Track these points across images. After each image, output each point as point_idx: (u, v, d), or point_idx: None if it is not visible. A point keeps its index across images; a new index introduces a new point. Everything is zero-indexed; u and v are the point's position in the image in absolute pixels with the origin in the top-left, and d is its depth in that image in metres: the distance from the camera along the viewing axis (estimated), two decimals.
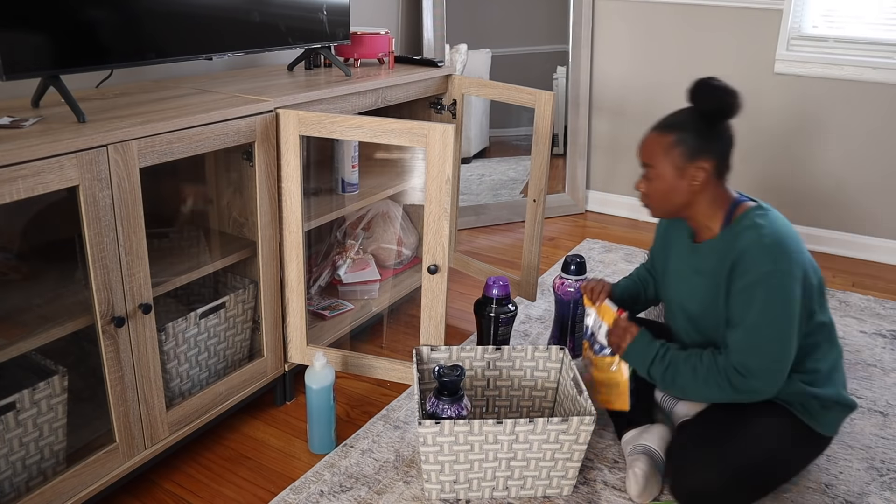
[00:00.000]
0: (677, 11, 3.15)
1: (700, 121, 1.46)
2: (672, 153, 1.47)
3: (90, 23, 1.42)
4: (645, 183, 1.55)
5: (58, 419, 1.40)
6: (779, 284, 1.40)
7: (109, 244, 1.36)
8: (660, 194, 1.52)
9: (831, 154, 3.01)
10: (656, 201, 1.54)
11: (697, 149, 1.46)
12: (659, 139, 1.49)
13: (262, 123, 1.64)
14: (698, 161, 1.46)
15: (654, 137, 1.51)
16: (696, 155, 1.46)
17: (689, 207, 1.53)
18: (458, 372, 1.57)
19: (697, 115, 1.47)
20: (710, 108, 1.45)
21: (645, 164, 1.53)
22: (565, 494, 1.60)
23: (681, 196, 1.50)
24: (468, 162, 3.41)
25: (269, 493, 1.62)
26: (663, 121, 1.51)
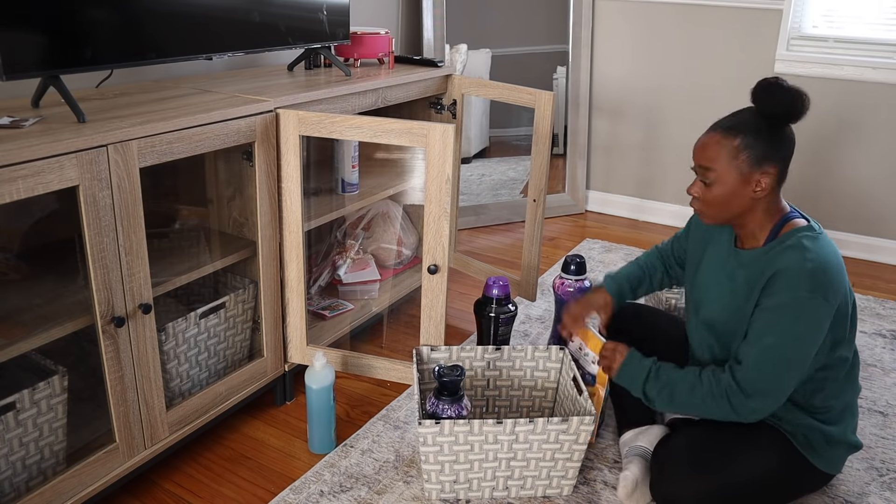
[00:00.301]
0: (677, 11, 3.15)
1: (765, 124, 1.37)
2: (739, 157, 1.36)
3: (90, 23, 1.42)
4: (702, 188, 1.42)
5: (58, 419, 1.40)
6: (809, 313, 1.32)
7: (109, 244, 1.36)
8: (720, 201, 1.40)
9: (831, 154, 3.01)
10: (714, 208, 1.42)
11: (765, 154, 1.36)
12: (724, 141, 1.38)
13: (262, 123, 1.64)
14: (765, 167, 1.37)
15: (717, 139, 1.39)
16: (763, 161, 1.36)
17: (747, 216, 1.43)
18: (458, 372, 1.57)
19: (762, 117, 1.37)
20: (779, 112, 1.35)
21: (703, 168, 1.40)
22: (565, 494, 1.60)
23: (742, 203, 1.40)
24: (468, 162, 3.42)
25: (269, 493, 1.62)
26: (727, 122, 1.40)
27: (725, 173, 1.38)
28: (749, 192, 1.39)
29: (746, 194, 1.39)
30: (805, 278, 1.32)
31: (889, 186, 2.93)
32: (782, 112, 1.35)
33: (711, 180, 1.40)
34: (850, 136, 2.95)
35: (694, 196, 1.45)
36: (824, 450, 1.46)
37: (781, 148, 1.38)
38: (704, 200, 1.43)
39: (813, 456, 1.45)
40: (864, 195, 2.99)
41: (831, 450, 1.47)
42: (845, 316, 1.41)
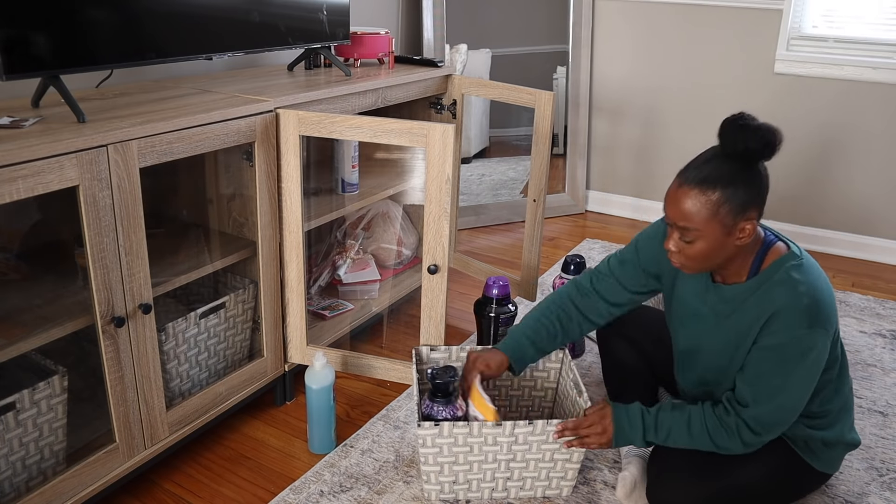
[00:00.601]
0: (677, 11, 3.15)
1: (739, 167, 1.27)
2: (720, 212, 1.27)
3: (90, 23, 1.42)
4: (680, 243, 1.33)
5: (58, 419, 1.40)
6: (811, 346, 1.29)
7: (109, 244, 1.36)
8: (704, 256, 1.32)
9: (831, 154, 3.01)
10: (698, 262, 1.34)
11: (745, 202, 1.27)
12: (701, 198, 1.27)
13: (262, 123, 1.64)
14: (747, 214, 1.28)
15: (694, 195, 1.28)
16: (745, 209, 1.27)
17: (731, 261, 1.36)
18: (451, 373, 1.56)
19: (734, 160, 1.28)
20: (747, 152, 1.26)
21: (681, 228, 1.31)
22: (565, 495, 1.60)
23: (726, 253, 1.32)
24: (468, 162, 3.42)
25: (269, 493, 1.62)
26: (699, 173, 1.28)
27: (707, 230, 1.29)
28: (733, 242, 1.31)
29: (730, 244, 1.31)
30: (803, 315, 1.28)
31: (889, 186, 2.93)
32: (755, 150, 1.26)
33: (692, 238, 1.31)
34: (849, 136, 2.95)
35: (672, 251, 1.35)
36: (823, 452, 1.46)
37: (760, 189, 1.29)
38: (686, 255, 1.34)
39: (812, 459, 1.45)
40: (864, 195, 2.99)
41: (830, 451, 1.47)
42: (836, 332, 1.41)
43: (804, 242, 3.14)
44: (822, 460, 1.46)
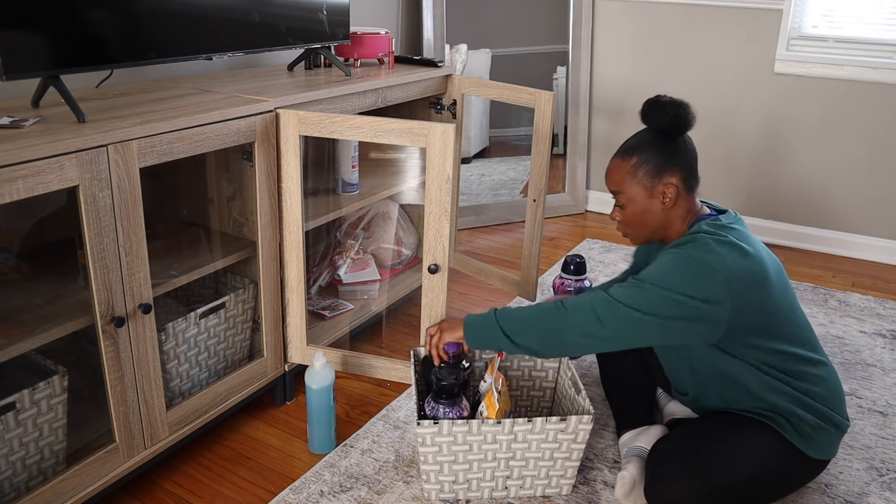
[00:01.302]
0: (677, 11, 3.15)
1: (658, 139, 1.46)
2: (638, 174, 1.47)
3: (90, 23, 1.42)
4: (618, 211, 1.53)
5: (58, 419, 1.40)
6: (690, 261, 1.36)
7: (109, 244, 1.36)
8: (635, 219, 1.51)
9: (831, 154, 3.01)
10: (634, 227, 1.52)
11: (662, 165, 1.45)
12: (622, 164, 1.49)
13: (262, 123, 1.64)
14: (665, 177, 1.46)
15: (616, 164, 1.51)
16: (662, 171, 1.46)
17: (666, 227, 1.51)
18: (456, 375, 1.56)
19: (654, 134, 1.47)
20: (663, 126, 1.45)
21: (614, 193, 1.52)
22: (564, 494, 1.60)
23: (655, 216, 1.49)
24: (468, 162, 3.42)
25: (269, 493, 1.62)
26: (624, 145, 1.51)
27: (631, 192, 1.49)
28: (658, 204, 1.48)
29: (656, 207, 1.48)
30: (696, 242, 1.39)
31: (889, 186, 2.93)
32: (670, 124, 1.44)
33: (623, 202, 1.50)
34: (849, 136, 2.95)
35: (616, 220, 1.55)
36: (812, 436, 1.45)
37: (678, 156, 1.45)
38: (624, 222, 1.53)
39: (804, 444, 1.45)
40: (864, 195, 2.99)
41: (820, 434, 1.46)
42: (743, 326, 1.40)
43: (804, 242, 3.14)
44: (814, 445, 1.46)
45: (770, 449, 1.43)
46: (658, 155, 1.46)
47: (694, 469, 1.41)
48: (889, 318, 2.49)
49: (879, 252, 3.02)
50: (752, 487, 1.42)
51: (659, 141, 1.46)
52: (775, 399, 1.45)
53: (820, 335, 2.36)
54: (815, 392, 1.46)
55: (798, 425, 1.45)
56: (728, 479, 1.40)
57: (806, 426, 1.45)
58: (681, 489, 1.40)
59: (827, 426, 1.47)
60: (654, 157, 1.46)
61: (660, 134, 1.47)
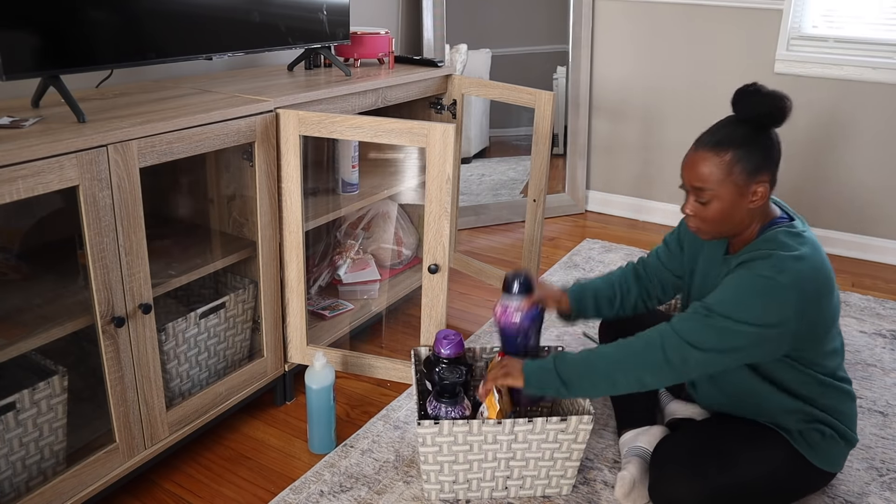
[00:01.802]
0: (677, 11, 3.15)
1: (752, 132, 1.34)
2: (734, 172, 1.34)
3: (90, 23, 1.42)
4: (697, 207, 1.40)
5: (58, 419, 1.40)
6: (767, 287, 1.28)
7: (109, 244, 1.36)
8: (718, 218, 1.38)
9: (831, 154, 3.01)
10: (712, 224, 1.40)
11: (758, 164, 1.34)
12: (715, 158, 1.34)
13: (262, 123, 1.64)
14: (760, 177, 1.34)
15: (707, 157, 1.35)
16: (758, 171, 1.34)
17: (743, 227, 1.41)
18: (458, 374, 1.56)
19: (747, 126, 1.35)
20: (763, 115, 1.33)
21: (697, 188, 1.38)
22: (564, 494, 1.60)
23: (740, 216, 1.38)
24: (468, 162, 3.42)
25: (269, 493, 1.62)
26: (713, 137, 1.36)
27: (721, 190, 1.35)
28: (746, 204, 1.37)
29: (744, 206, 1.37)
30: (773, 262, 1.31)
31: (888, 186, 2.93)
32: (766, 115, 1.33)
33: (707, 199, 1.37)
34: (850, 136, 2.95)
35: (689, 214, 1.42)
36: (821, 447, 1.45)
37: (772, 153, 1.36)
38: (702, 218, 1.40)
39: (811, 454, 1.45)
40: (863, 195, 2.99)
41: (828, 447, 1.46)
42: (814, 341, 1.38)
43: None
44: (821, 456, 1.46)
45: (777, 457, 1.43)
46: (756, 152, 1.33)
47: (699, 470, 1.41)
48: (889, 318, 2.49)
49: (879, 252, 3.02)
50: (756, 493, 1.42)
51: (753, 135, 1.34)
52: (789, 419, 1.45)
53: None
54: (832, 410, 1.46)
55: (808, 436, 1.45)
56: (733, 483, 1.39)
57: (816, 436, 1.45)
58: (685, 490, 1.39)
59: (838, 439, 1.47)
60: (753, 154, 1.33)
61: (754, 126, 1.35)
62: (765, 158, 1.34)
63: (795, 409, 1.45)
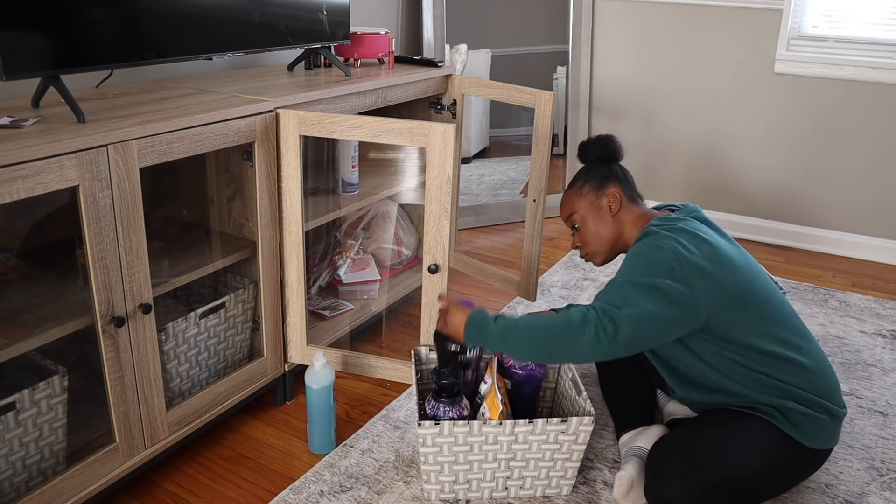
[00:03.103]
0: (677, 11, 3.15)
1: (594, 167, 1.68)
2: (583, 192, 1.66)
3: (90, 23, 1.42)
4: (577, 236, 1.68)
5: (58, 419, 1.40)
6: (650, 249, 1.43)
7: (109, 244, 1.36)
8: (592, 235, 1.64)
9: (831, 154, 3.01)
10: (593, 243, 1.65)
11: (601, 179, 1.65)
12: (569, 192, 1.69)
13: (262, 123, 1.64)
14: (606, 189, 1.63)
15: (565, 195, 1.70)
16: (602, 186, 1.64)
17: (621, 236, 1.63)
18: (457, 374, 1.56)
19: (590, 165, 1.69)
20: (594, 159, 1.68)
21: (569, 220, 1.68)
22: (564, 494, 1.60)
23: (608, 227, 1.63)
24: (468, 162, 3.41)
25: (269, 493, 1.62)
26: (570, 183, 1.72)
27: (581, 209, 1.65)
28: (608, 214, 1.63)
29: (607, 218, 1.63)
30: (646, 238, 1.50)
31: (889, 186, 2.93)
32: (601, 154, 1.67)
33: (578, 222, 1.66)
34: (850, 136, 2.95)
35: (577, 247, 1.69)
36: (804, 424, 1.45)
37: (612, 171, 1.66)
38: (585, 242, 1.66)
39: (799, 435, 1.44)
40: (864, 195, 2.99)
41: (814, 425, 1.45)
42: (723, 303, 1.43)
43: (805, 242, 3.14)
44: (808, 434, 1.45)
45: (766, 443, 1.44)
46: (596, 174, 1.66)
47: (692, 467, 1.41)
48: (889, 318, 2.49)
49: (879, 252, 3.02)
50: (752, 482, 1.42)
51: (594, 168, 1.68)
52: (760, 397, 1.47)
53: (820, 335, 2.36)
54: (801, 383, 1.46)
55: (789, 415, 1.45)
56: (727, 475, 1.40)
57: (797, 415, 1.45)
58: (680, 487, 1.40)
59: (819, 414, 1.46)
60: (594, 175, 1.66)
61: (595, 164, 1.68)
62: (606, 175, 1.65)
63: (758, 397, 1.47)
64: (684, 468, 1.42)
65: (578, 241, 1.68)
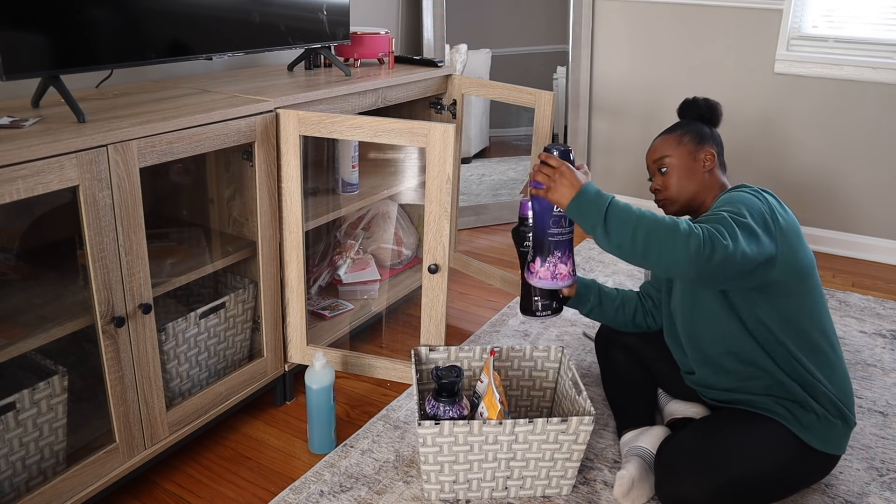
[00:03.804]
0: (677, 11, 3.15)
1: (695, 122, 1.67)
2: (683, 141, 1.62)
3: (90, 23, 1.42)
4: (661, 178, 1.64)
5: (58, 419, 1.40)
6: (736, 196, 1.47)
7: (109, 244, 1.36)
8: (678, 181, 1.61)
9: (831, 154, 3.01)
10: (675, 190, 1.61)
11: (702, 137, 1.63)
12: (667, 136, 1.65)
13: (262, 123, 1.64)
14: (706, 146, 1.62)
15: (662, 138, 1.66)
16: (703, 142, 1.62)
17: (703, 194, 1.61)
18: (456, 373, 1.57)
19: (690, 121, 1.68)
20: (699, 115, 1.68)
21: (658, 161, 1.64)
22: (564, 494, 1.60)
23: (696, 180, 1.60)
24: (468, 162, 3.42)
25: (269, 493, 1.62)
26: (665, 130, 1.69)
27: (676, 155, 1.62)
28: (700, 169, 1.61)
29: (698, 171, 1.61)
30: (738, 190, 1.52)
31: (889, 186, 2.93)
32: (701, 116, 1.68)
33: (667, 167, 1.62)
34: (849, 136, 2.95)
35: (656, 189, 1.65)
36: (817, 427, 1.46)
37: (714, 135, 1.66)
38: (666, 187, 1.63)
39: (809, 437, 1.46)
40: (864, 195, 2.99)
41: (825, 428, 1.47)
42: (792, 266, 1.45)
43: None
44: (820, 437, 1.46)
45: (779, 443, 1.45)
46: (698, 129, 1.64)
47: (705, 466, 1.42)
48: (889, 318, 2.49)
49: (879, 252, 3.02)
50: (763, 483, 1.43)
51: (696, 124, 1.66)
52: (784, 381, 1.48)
53: None
54: (825, 380, 1.49)
55: (803, 416, 1.46)
56: (739, 475, 1.41)
57: (811, 416, 1.46)
58: (692, 486, 1.40)
59: (834, 418, 1.48)
60: (696, 131, 1.64)
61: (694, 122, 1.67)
62: (707, 135, 1.64)
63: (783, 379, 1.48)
64: (697, 467, 1.42)
65: (660, 184, 1.64)
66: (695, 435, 1.50)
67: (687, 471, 1.42)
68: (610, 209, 1.36)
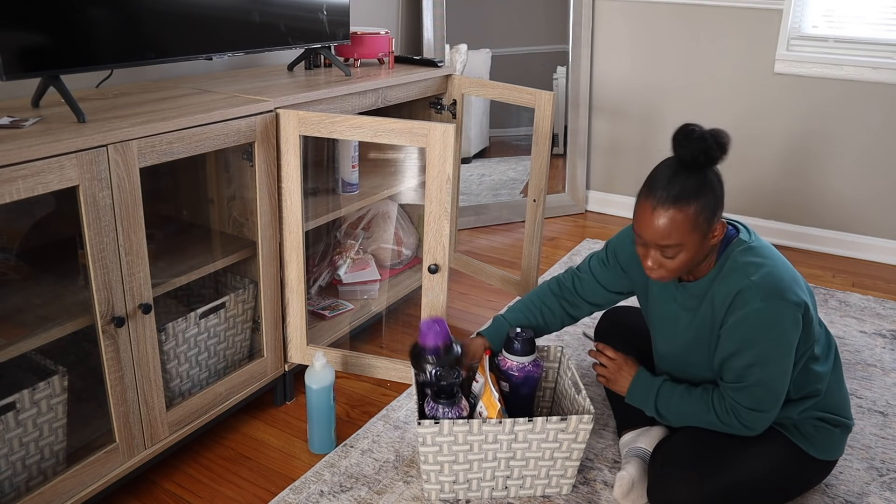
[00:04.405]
0: (677, 11, 3.15)
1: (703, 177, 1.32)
2: (699, 222, 1.32)
3: (90, 23, 1.42)
4: (664, 261, 1.37)
5: (58, 419, 1.40)
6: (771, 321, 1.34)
7: (109, 244, 1.36)
8: (684, 265, 1.36)
9: (831, 154, 3.01)
10: (679, 272, 1.38)
11: (716, 207, 1.33)
12: (679, 215, 1.30)
13: (262, 123, 1.64)
14: (718, 217, 1.36)
15: (671, 214, 1.31)
16: (716, 212, 1.34)
17: (702, 262, 1.42)
18: (455, 374, 1.56)
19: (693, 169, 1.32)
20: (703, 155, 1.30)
21: (663, 247, 1.34)
22: (564, 493, 1.60)
23: (700, 255, 1.37)
24: (468, 162, 3.42)
25: (269, 493, 1.62)
26: (669, 192, 1.31)
27: (689, 241, 1.33)
28: (708, 244, 1.37)
29: (707, 247, 1.37)
30: (755, 291, 1.35)
31: (889, 186, 2.93)
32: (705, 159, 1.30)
33: (674, 253, 1.35)
34: (850, 136, 2.95)
35: (652, 268, 1.39)
36: (816, 437, 1.46)
37: (722, 191, 1.35)
38: (668, 269, 1.38)
39: (807, 446, 1.46)
40: (864, 195, 2.99)
41: (823, 435, 1.47)
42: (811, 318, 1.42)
43: (804, 242, 3.14)
44: (818, 446, 1.46)
45: (776, 453, 1.44)
46: (712, 196, 1.32)
47: (698, 471, 1.41)
48: (889, 318, 2.49)
49: (879, 252, 3.02)
50: (757, 490, 1.42)
51: (704, 179, 1.32)
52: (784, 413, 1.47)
53: None
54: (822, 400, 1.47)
55: (801, 427, 1.46)
56: (732, 483, 1.40)
57: (808, 427, 1.46)
58: (684, 491, 1.39)
59: (831, 427, 1.47)
60: (711, 200, 1.32)
61: (699, 167, 1.32)
62: (719, 199, 1.34)
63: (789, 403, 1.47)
64: (690, 472, 1.41)
65: (657, 265, 1.38)
66: (690, 440, 1.49)
67: (680, 475, 1.42)
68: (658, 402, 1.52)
